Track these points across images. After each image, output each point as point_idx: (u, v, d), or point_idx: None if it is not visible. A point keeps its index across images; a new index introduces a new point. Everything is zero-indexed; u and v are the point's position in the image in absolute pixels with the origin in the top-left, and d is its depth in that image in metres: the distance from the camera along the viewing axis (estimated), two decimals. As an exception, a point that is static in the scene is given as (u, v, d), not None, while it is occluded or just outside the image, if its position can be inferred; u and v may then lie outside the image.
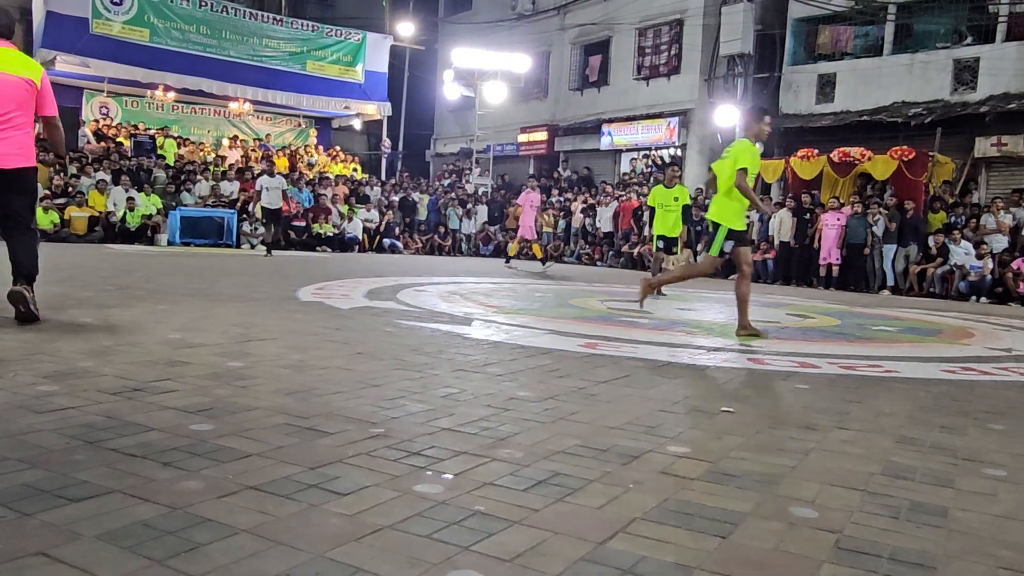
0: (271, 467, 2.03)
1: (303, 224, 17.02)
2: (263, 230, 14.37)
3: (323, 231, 17.14)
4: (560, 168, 22.72)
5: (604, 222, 18.24)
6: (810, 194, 14.63)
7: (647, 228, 11.30)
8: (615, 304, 7.76)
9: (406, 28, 23.99)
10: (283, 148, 21.76)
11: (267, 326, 4.75)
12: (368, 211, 18.28)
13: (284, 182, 13.73)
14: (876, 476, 2.27)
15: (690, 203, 9.57)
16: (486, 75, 22.20)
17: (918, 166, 13.69)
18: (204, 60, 19.77)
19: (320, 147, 22.96)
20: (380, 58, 22.81)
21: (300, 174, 18.75)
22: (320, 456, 2.14)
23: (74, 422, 2.34)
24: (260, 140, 21.68)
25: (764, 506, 1.95)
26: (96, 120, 19.77)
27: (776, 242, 14.49)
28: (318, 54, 21.78)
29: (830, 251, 13.62)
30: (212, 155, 19.46)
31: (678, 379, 3.75)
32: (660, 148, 20.35)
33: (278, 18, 21.63)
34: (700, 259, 6.14)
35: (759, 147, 5.52)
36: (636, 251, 16.94)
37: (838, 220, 13.58)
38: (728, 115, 17.81)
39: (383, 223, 18.34)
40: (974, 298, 12.09)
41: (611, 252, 17.86)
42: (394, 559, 1.52)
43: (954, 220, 13.34)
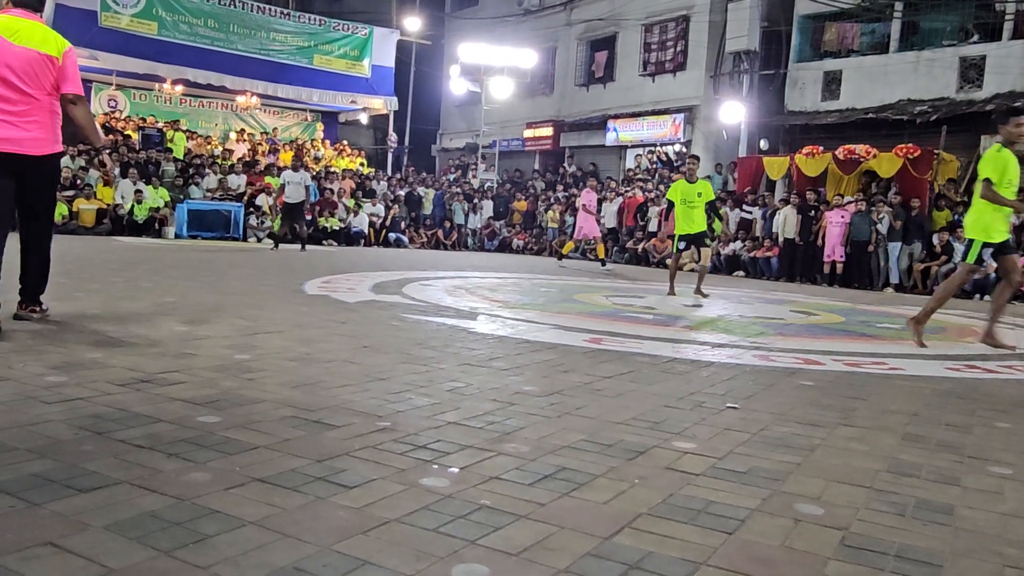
0: (278, 459, 2.04)
1: (309, 218, 17.04)
2: (277, 224, 14.41)
3: (329, 225, 17.16)
4: (565, 164, 22.69)
5: (609, 217, 18.22)
6: (815, 191, 14.59)
7: (664, 224, 10.77)
8: (618, 299, 7.76)
9: (413, 23, 23.96)
10: (290, 142, 21.76)
11: (274, 319, 4.76)
12: (374, 205, 18.29)
13: (307, 177, 13.77)
14: (882, 473, 2.27)
15: (714, 198, 8.95)
16: (492, 70, 22.17)
17: (923, 164, 13.64)
18: (212, 53, 19.78)
19: (327, 141, 22.96)
20: (387, 53, 22.79)
21: (307, 168, 18.74)
22: (327, 449, 2.15)
23: (82, 413, 2.35)
24: (267, 134, 21.69)
25: (770, 502, 1.95)
26: (104, 113, 19.80)
27: (780, 239, 14.46)
28: (325, 48, 21.77)
29: (834, 248, 13.58)
30: (219, 148, 19.49)
31: (683, 375, 3.74)
32: (665, 144, 20.31)
33: (285, 12, 21.63)
34: (957, 270, 6.13)
35: (1013, 150, 5.38)
36: (641, 247, 16.94)
37: (842, 218, 13.55)
38: (734, 112, 17.76)
39: (389, 217, 18.35)
40: (978, 296, 12.05)
41: (616, 247, 17.85)
42: (401, 552, 1.52)
43: (958, 218, 13.29)
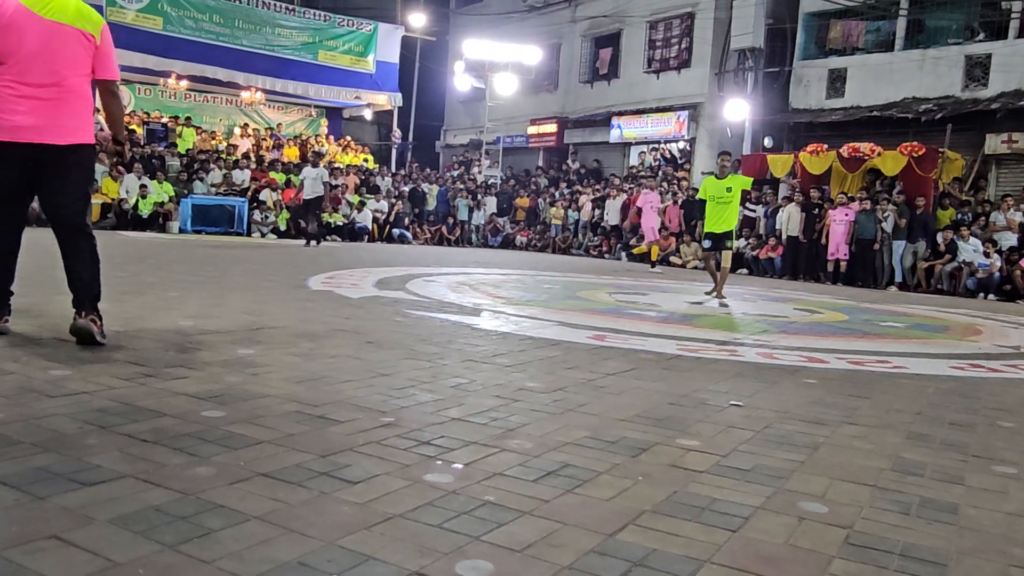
0: (282, 454, 2.04)
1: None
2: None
3: (333, 221, 17.18)
4: (569, 160, 22.68)
5: (612, 215, 18.22)
6: (819, 189, 14.57)
7: (699, 225, 10.45)
8: (622, 296, 7.75)
9: (417, 19, 23.93)
10: (294, 137, 21.78)
11: (278, 314, 4.76)
12: (378, 201, 18.30)
13: (325, 173, 13.83)
14: (886, 472, 2.27)
15: (749, 189, 8.54)
16: (496, 67, 22.14)
17: (928, 162, 13.61)
18: (217, 49, 19.77)
19: (331, 137, 22.96)
20: (391, 49, 22.76)
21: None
22: (331, 444, 2.15)
23: (87, 407, 2.35)
24: (272, 129, 21.71)
25: (774, 500, 1.95)
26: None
27: (784, 236, 14.44)
28: (330, 44, 21.75)
29: (838, 247, 13.56)
30: (224, 144, 19.52)
31: (687, 372, 3.74)
32: (669, 142, 20.28)
33: (290, 7, 21.61)
34: None
35: None
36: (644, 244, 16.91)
37: (846, 216, 13.53)
38: (738, 109, 17.72)
39: (392, 213, 18.37)
40: (982, 295, 12.03)
41: (619, 245, 17.84)
42: (404, 548, 1.52)
43: (962, 217, 13.28)
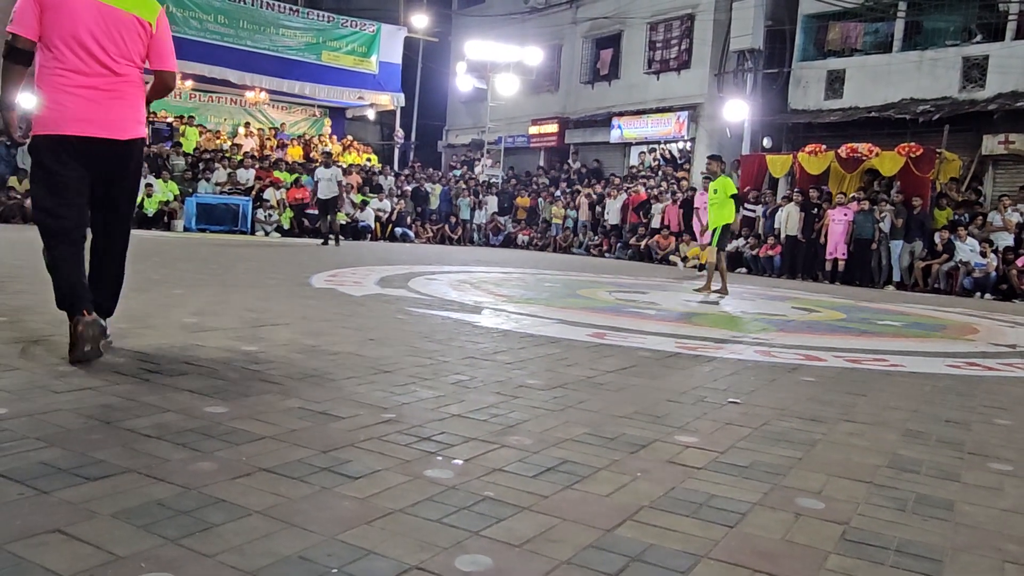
0: (284, 450, 2.05)
1: (316, 212, 17.10)
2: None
3: (336, 219, 17.22)
4: (570, 160, 22.70)
5: (612, 214, 18.25)
6: (818, 189, 14.58)
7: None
8: (621, 295, 7.76)
9: (420, 20, 23.97)
10: (298, 137, 21.81)
11: (281, 311, 4.78)
12: (380, 200, 18.32)
13: (339, 172, 13.86)
14: (882, 469, 2.28)
15: (736, 191, 8.86)
16: (498, 67, 22.17)
17: (925, 163, 13.64)
18: (221, 49, 19.79)
19: (334, 136, 22.98)
20: (394, 49, 22.79)
21: (315, 163, 18.84)
22: (332, 440, 2.17)
23: (91, 402, 2.37)
24: (276, 129, 21.72)
25: (771, 496, 1.96)
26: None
27: (783, 236, 14.46)
28: (333, 44, 21.78)
29: (837, 246, 13.59)
30: (228, 143, 19.55)
31: (685, 370, 3.76)
32: (669, 142, 20.30)
33: (294, 8, 21.65)
34: None
35: None
36: (643, 243, 16.94)
37: (845, 215, 13.55)
38: (737, 110, 17.74)
39: (395, 212, 18.39)
40: (979, 294, 12.06)
41: (619, 244, 17.87)
42: (405, 543, 1.54)
43: (959, 217, 13.31)
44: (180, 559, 1.40)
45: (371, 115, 24.76)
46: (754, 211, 15.68)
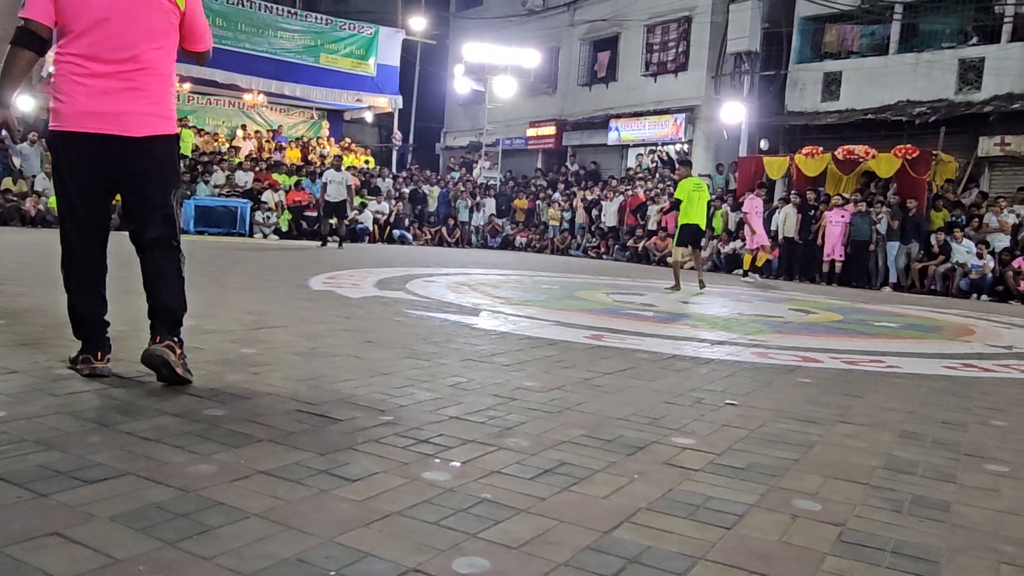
0: (282, 452, 2.05)
1: (315, 215, 17.13)
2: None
3: (334, 222, 17.21)
4: (568, 163, 22.73)
5: (609, 216, 18.28)
6: (815, 191, 14.61)
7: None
8: (619, 297, 7.77)
9: (418, 23, 24.01)
10: (296, 139, 21.82)
11: (279, 314, 4.78)
12: (379, 203, 18.34)
13: (349, 177, 13.87)
14: (878, 470, 2.29)
15: (680, 195, 9.32)
16: (496, 70, 22.22)
17: (922, 165, 13.69)
18: (219, 52, 19.72)
19: (332, 139, 23.00)
20: (392, 52, 22.83)
21: (313, 165, 18.88)
22: (330, 442, 2.17)
23: (89, 405, 2.37)
24: (274, 131, 21.73)
25: (767, 498, 1.97)
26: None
27: (780, 237, 14.48)
28: (331, 47, 21.82)
29: (834, 248, 13.62)
30: (226, 146, 19.56)
31: (683, 371, 3.76)
32: (667, 144, 20.34)
33: (292, 11, 21.68)
34: None
35: None
36: (641, 245, 16.96)
37: (842, 217, 13.58)
38: (734, 112, 17.78)
39: (393, 214, 18.41)
40: (975, 296, 12.09)
41: (617, 246, 17.89)
42: (402, 545, 1.54)
43: (955, 219, 13.35)
44: (178, 562, 1.40)
45: (369, 117, 24.79)
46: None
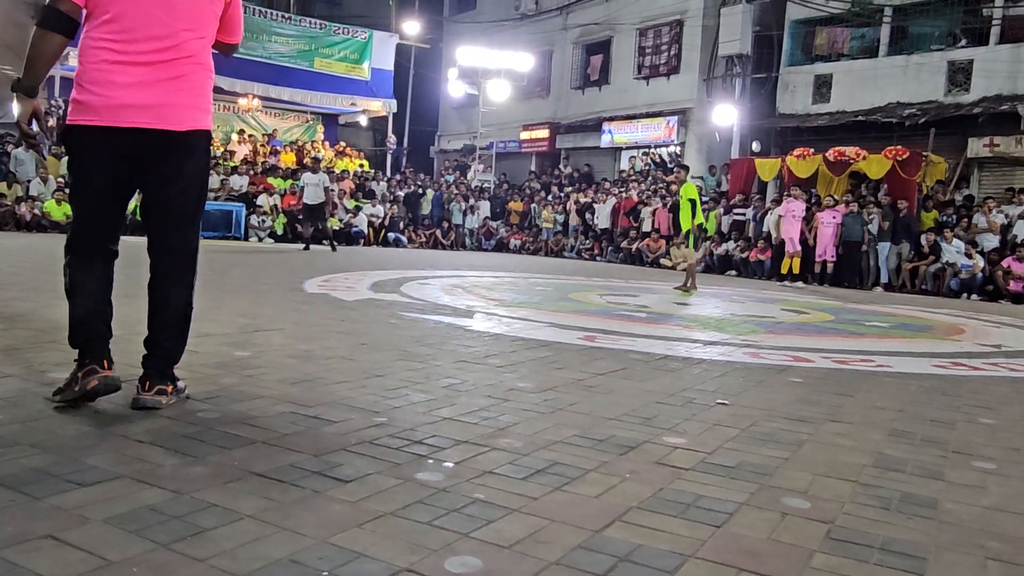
0: (276, 454, 2.06)
1: (301, 217, 17.14)
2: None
3: (329, 225, 17.22)
4: (561, 165, 22.78)
5: (603, 218, 18.32)
6: (807, 192, 14.67)
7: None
8: (612, 298, 7.79)
9: (412, 27, 24.03)
10: (291, 143, 21.80)
11: (273, 317, 4.78)
12: (373, 206, 18.36)
13: (326, 178, 13.85)
14: (868, 468, 2.31)
15: (695, 196, 9.57)
16: (489, 73, 22.24)
17: (912, 166, 13.76)
18: (214, 56, 19.82)
19: (327, 143, 23.00)
20: (386, 56, 22.87)
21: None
22: (324, 444, 2.18)
23: (83, 408, 2.36)
24: (268, 135, 21.72)
25: (758, 496, 1.98)
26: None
27: (774, 238, 14.51)
28: (325, 52, 21.85)
29: (826, 248, 13.66)
30: (221, 150, 19.55)
31: (675, 372, 3.78)
32: (659, 146, 20.39)
33: (286, 16, 21.71)
34: None
35: None
36: (634, 246, 17.00)
37: (834, 218, 13.63)
38: (726, 114, 17.84)
39: (388, 217, 18.41)
40: (965, 295, 12.16)
41: (610, 247, 17.92)
42: (395, 545, 1.55)
43: (945, 219, 13.43)
44: (172, 563, 1.41)
45: (363, 121, 24.80)
46: (744, 214, 15.77)
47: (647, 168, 20.41)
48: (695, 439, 2.51)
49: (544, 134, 23.20)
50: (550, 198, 20.29)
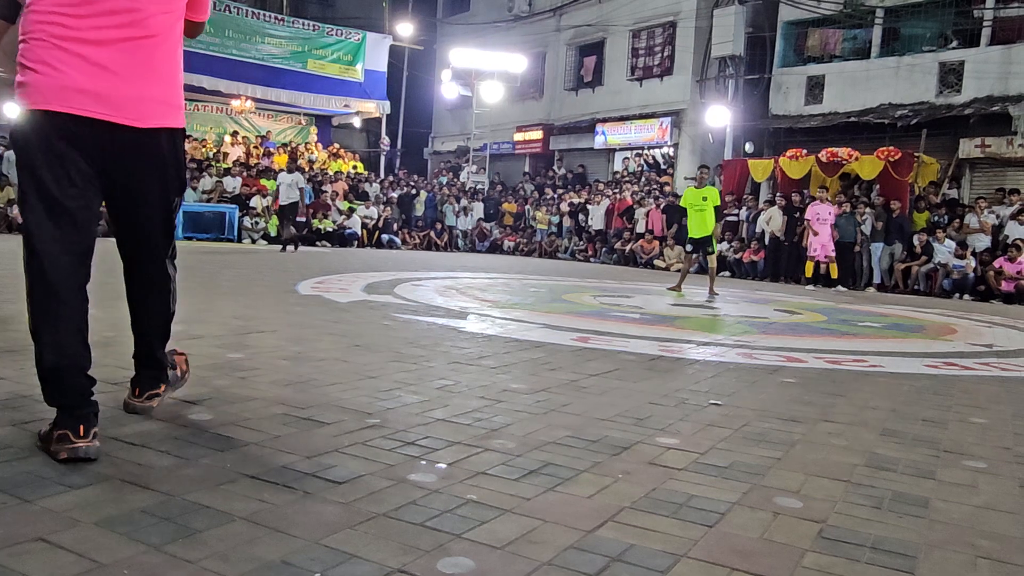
0: (268, 456, 2.06)
1: (303, 219, 17.12)
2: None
3: (323, 226, 17.23)
4: (555, 166, 22.81)
5: (596, 219, 18.34)
6: (800, 193, 14.73)
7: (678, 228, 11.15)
8: (606, 299, 7.80)
9: (405, 28, 24.03)
10: (284, 145, 21.78)
11: (267, 318, 4.77)
12: (367, 208, 18.35)
13: (301, 179, 13.80)
14: (859, 467, 2.32)
15: (719, 203, 9.55)
16: (483, 75, 22.26)
17: (904, 166, 13.83)
18: (207, 58, 19.76)
19: (320, 144, 22.97)
20: (380, 57, 22.86)
21: (301, 170, 18.82)
22: (317, 445, 2.18)
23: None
24: (262, 137, 21.70)
25: (750, 496, 1.99)
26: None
27: (767, 238, 14.56)
28: (319, 53, 21.83)
29: (820, 248, 13.67)
30: (214, 151, 19.50)
31: (668, 372, 3.79)
32: (653, 147, 20.44)
33: (280, 17, 21.67)
34: None
35: None
36: (628, 247, 17.02)
37: (830, 214, 13.59)
38: (719, 115, 17.89)
39: (381, 219, 18.41)
40: (957, 295, 12.22)
41: (604, 249, 17.94)
42: (388, 546, 1.55)
43: (937, 220, 13.49)
44: (163, 565, 1.41)
45: (357, 123, 24.78)
46: (737, 215, 15.81)
47: (640, 169, 20.46)
48: (688, 439, 2.51)
49: (538, 135, 23.23)
50: (544, 199, 20.32)
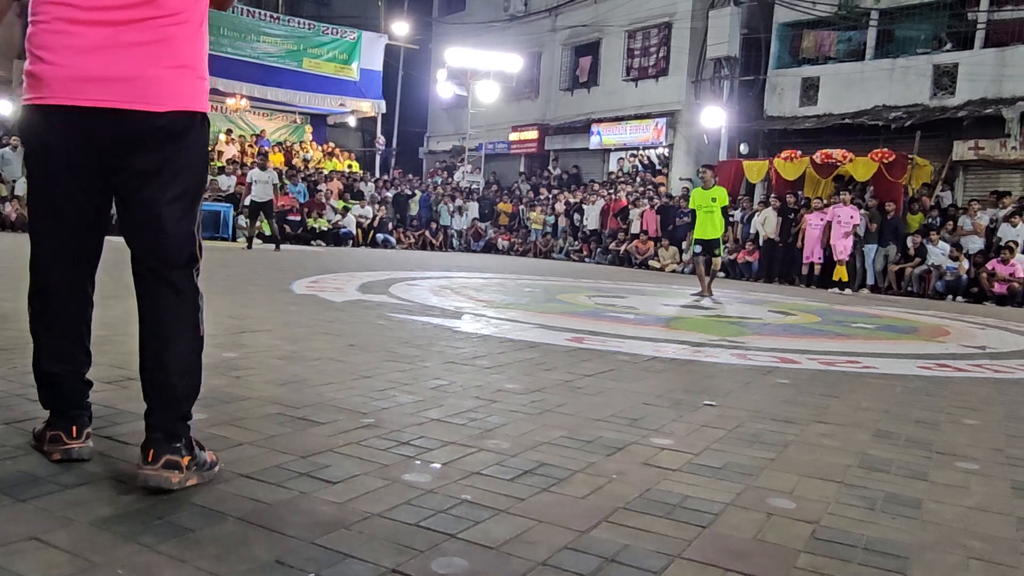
0: (263, 456, 2.06)
1: (298, 218, 17.09)
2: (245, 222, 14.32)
3: (318, 226, 17.20)
4: (550, 167, 22.82)
5: (591, 219, 18.36)
6: (794, 194, 14.77)
7: (690, 232, 10.86)
8: (600, 299, 7.81)
9: (401, 27, 24.03)
10: (279, 144, 21.74)
11: (261, 318, 4.76)
12: (362, 207, 18.34)
13: (275, 176, 13.71)
14: (853, 468, 2.32)
15: (728, 204, 9.40)
16: (479, 74, 22.26)
17: (898, 168, 13.88)
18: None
19: (315, 143, 22.94)
20: (375, 56, 22.85)
21: (296, 169, 18.82)
22: (311, 445, 2.17)
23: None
24: (257, 135, 21.66)
25: (743, 497, 1.99)
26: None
27: (761, 239, 14.59)
28: (314, 52, 21.82)
29: (813, 250, 13.74)
30: (209, 150, 19.44)
31: (662, 373, 3.79)
32: (648, 148, 20.46)
33: (275, 16, 21.65)
34: None
35: None
36: (623, 248, 17.05)
37: (822, 220, 13.69)
38: (714, 116, 17.93)
39: (376, 218, 18.39)
40: (950, 297, 12.27)
41: (599, 249, 17.96)
42: (382, 546, 1.55)
43: (931, 221, 13.55)
44: (157, 565, 1.40)
45: (352, 122, 24.76)
46: (732, 216, 15.83)
47: (635, 170, 20.49)
48: (682, 440, 2.52)
49: (533, 135, 23.24)
50: (539, 199, 20.32)
